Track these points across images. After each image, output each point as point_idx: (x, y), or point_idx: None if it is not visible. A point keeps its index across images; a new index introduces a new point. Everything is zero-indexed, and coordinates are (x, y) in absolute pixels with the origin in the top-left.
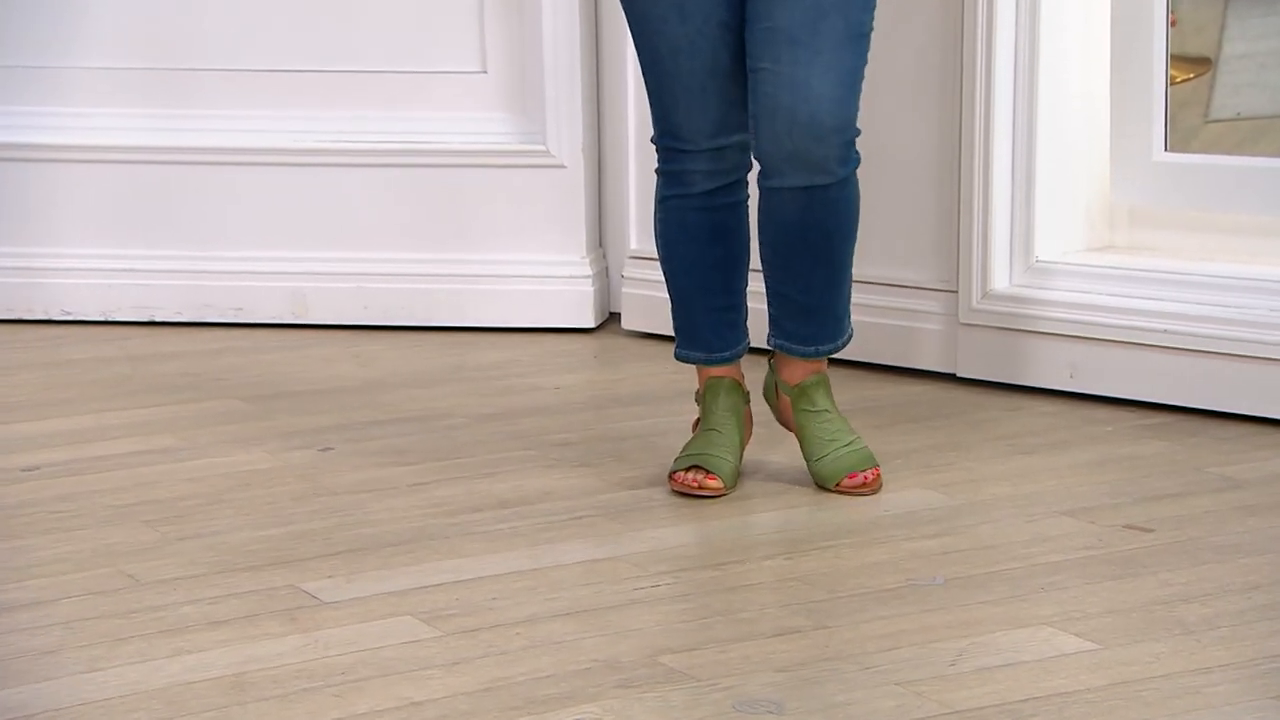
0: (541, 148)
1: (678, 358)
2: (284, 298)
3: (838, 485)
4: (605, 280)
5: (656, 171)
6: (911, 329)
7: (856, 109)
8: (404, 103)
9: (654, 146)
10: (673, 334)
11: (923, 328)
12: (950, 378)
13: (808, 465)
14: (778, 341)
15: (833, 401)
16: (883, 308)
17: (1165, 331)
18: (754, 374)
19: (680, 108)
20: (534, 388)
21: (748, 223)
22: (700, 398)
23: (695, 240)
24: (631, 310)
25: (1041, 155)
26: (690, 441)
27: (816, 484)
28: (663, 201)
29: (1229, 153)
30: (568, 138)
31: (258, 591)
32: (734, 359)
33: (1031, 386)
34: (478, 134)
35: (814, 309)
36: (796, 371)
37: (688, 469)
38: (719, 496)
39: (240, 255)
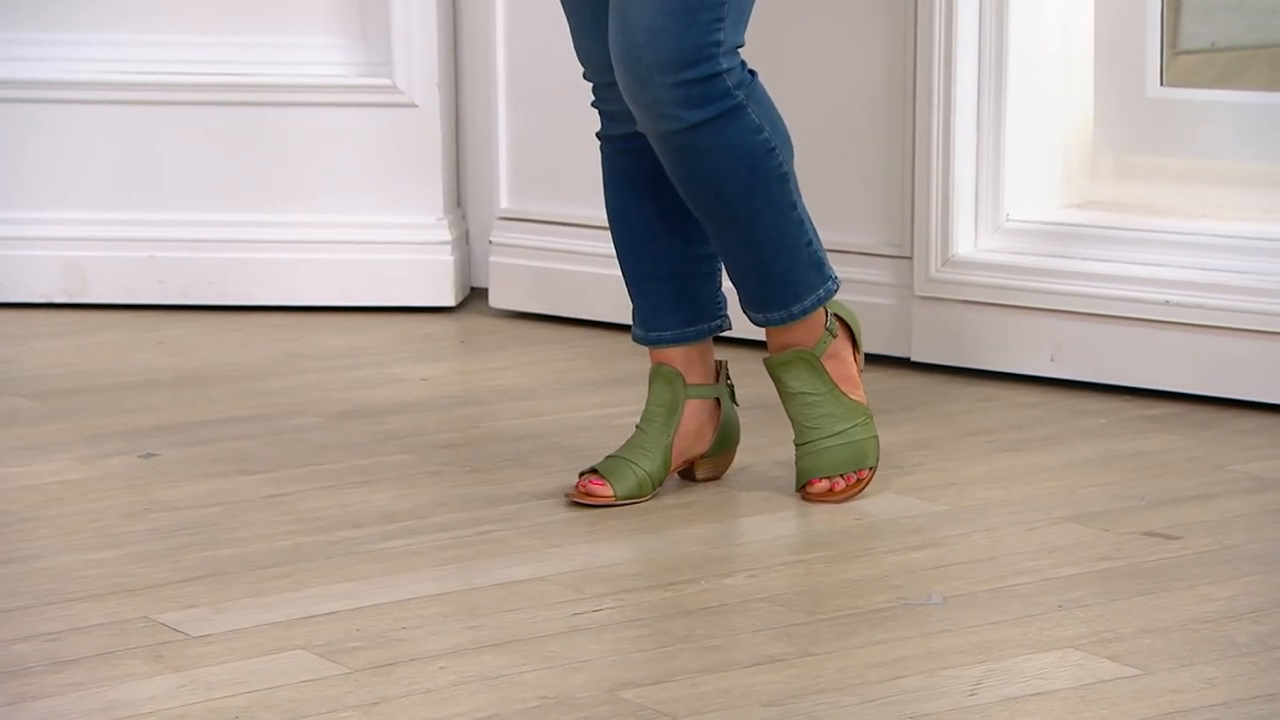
0: (386, 82)
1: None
2: (56, 271)
3: (800, 491)
4: (466, 248)
5: None
6: (856, 304)
7: (704, 40)
8: (211, 25)
9: None
10: (555, 314)
11: (869, 302)
12: (903, 363)
13: None
14: (740, 304)
15: (821, 380)
16: None
17: (1167, 303)
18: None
19: (573, 32)
20: (395, 379)
21: None
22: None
23: (620, 189)
24: (502, 284)
25: (1012, 93)
26: None
27: None
28: (599, 139)
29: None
30: (419, 70)
31: (106, 625)
32: (676, 342)
33: (1004, 372)
34: (305, 64)
35: (743, 271)
36: (771, 344)
37: (584, 472)
38: (607, 507)
39: None
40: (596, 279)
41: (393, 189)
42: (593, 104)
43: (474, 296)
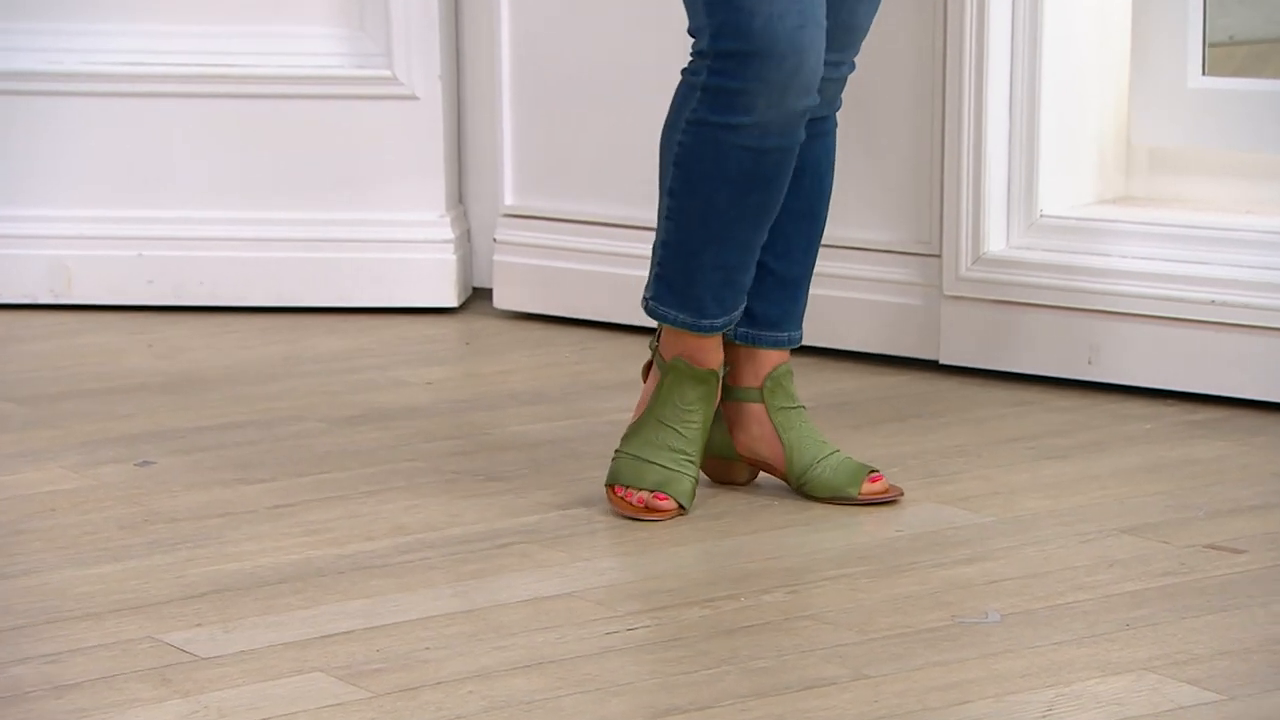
0: (386, 73)
1: (650, 311)
2: (40, 270)
3: (861, 493)
4: (468, 246)
5: (696, 85)
6: (882, 304)
7: None
8: (201, 15)
9: (695, 56)
10: (562, 314)
11: (897, 302)
12: (932, 365)
13: (801, 477)
14: (741, 330)
15: None
16: (845, 278)
17: (1212, 303)
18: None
19: None
20: (398, 383)
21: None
22: (651, 369)
23: (730, 184)
24: (507, 284)
25: (1047, 83)
26: (634, 431)
27: (816, 498)
28: (697, 124)
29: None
30: (420, 61)
31: (108, 646)
32: (724, 328)
33: (1038, 375)
34: (301, 55)
35: (790, 281)
36: (763, 363)
37: (634, 487)
38: (668, 519)
39: None
40: (606, 278)
41: (392, 185)
42: (717, 84)
43: (476, 297)
